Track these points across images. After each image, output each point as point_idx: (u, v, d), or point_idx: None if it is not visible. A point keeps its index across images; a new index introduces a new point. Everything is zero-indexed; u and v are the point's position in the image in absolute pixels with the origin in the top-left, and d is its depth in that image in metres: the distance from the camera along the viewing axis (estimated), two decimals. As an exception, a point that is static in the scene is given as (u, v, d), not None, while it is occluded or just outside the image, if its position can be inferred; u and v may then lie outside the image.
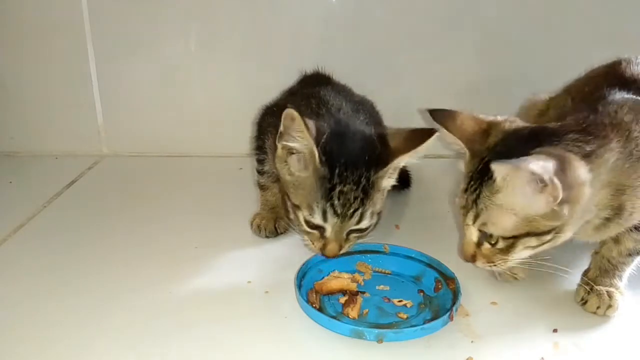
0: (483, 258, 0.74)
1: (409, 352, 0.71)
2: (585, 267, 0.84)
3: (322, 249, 0.82)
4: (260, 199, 1.04)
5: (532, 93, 1.01)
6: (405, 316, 0.77)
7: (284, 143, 0.80)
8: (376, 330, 0.72)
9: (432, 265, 0.86)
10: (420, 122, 1.18)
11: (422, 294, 0.83)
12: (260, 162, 1.01)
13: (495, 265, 0.74)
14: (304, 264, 0.85)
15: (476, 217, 0.72)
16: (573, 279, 0.83)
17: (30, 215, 1.08)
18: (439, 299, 0.80)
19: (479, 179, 0.71)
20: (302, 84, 1.13)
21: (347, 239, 0.83)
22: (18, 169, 1.35)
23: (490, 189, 0.69)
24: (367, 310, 0.78)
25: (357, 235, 0.83)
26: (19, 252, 0.96)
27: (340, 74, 1.13)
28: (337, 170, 0.78)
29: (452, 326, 0.75)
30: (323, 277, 0.84)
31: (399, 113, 1.21)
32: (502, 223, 0.69)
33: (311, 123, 0.79)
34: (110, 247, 0.97)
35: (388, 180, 0.83)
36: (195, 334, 0.74)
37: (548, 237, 0.69)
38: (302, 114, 0.78)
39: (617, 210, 0.71)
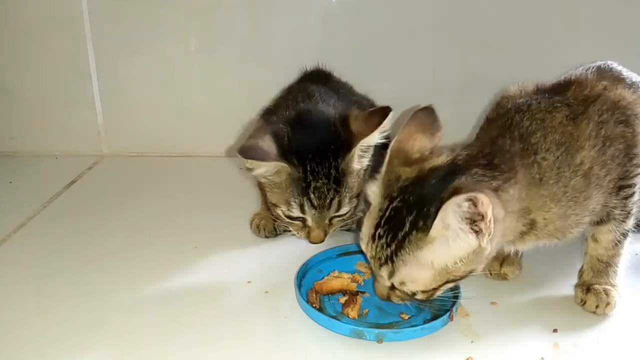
0: (397, 299, 0.71)
1: (409, 352, 0.71)
2: (581, 263, 0.83)
3: (308, 236, 0.86)
4: (260, 199, 1.04)
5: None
6: (407, 317, 0.77)
7: (254, 174, 0.83)
8: (376, 330, 0.72)
9: None
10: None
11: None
12: None
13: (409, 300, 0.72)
14: (303, 264, 0.85)
15: (391, 274, 0.67)
16: (573, 278, 0.83)
17: (30, 215, 1.08)
18: (438, 299, 0.80)
19: (392, 230, 0.65)
20: (301, 82, 1.13)
21: (330, 224, 0.86)
22: (18, 169, 1.35)
23: (416, 244, 0.64)
24: (367, 310, 0.78)
25: (339, 219, 0.86)
26: (19, 252, 0.96)
27: (339, 74, 1.13)
28: (308, 168, 0.81)
29: (452, 326, 0.75)
30: (323, 277, 0.84)
31: (399, 113, 1.21)
32: (422, 280, 0.66)
33: (267, 141, 0.81)
34: (110, 247, 0.97)
35: (360, 162, 0.85)
36: (195, 334, 0.74)
37: (465, 278, 0.68)
38: (265, 126, 0.83)
39: (530, 226, 0.70)
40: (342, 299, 0.80)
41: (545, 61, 1.28)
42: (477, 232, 0.62)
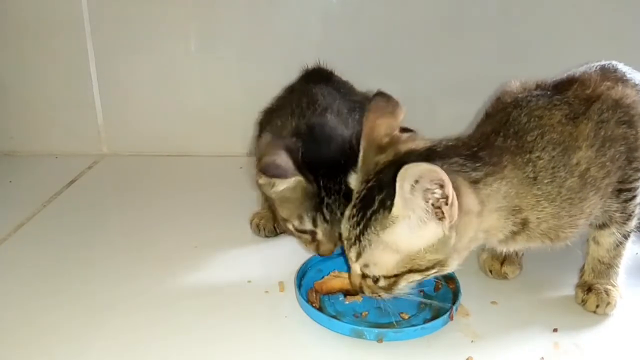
0: (368, 289, 0.70)
1: (409, 352, 0.71)
2: (581, 263, 0.83)
3: (317, 250, 0.84)
4: (260, 199, 1.04)
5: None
6: (407, 316, 0.77)
7: (272, 191, 0.82)
8: (376, 330, 0.72)
9: None
10: (420, 121, 1.18)
11: (422, 293, 0.82)
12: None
13: (380, 296, 0.70)
14: (303, 264, 0.85)
15: (358, 255, 0.66)
16: (573, 278, 0.84)
17: (30, 215, 1.08)
18: (439, 299, 0.80)
19: (363, 209, 0.65)
20: (303, 82, 1.13)
21: (339, 237, 0.84)
22: (18, 169, 1.35)
23: (381, 223, 0.62)
24: (366, 312, 0.78)
25: None
26: (18, 252, 0.96)
27: (340, 73, 1.13)
28: (322, 184, 0.80)
29: (452, 326, 0.75)
30: (323, 277, 0.83)
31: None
32: (385, 263, 0.65)
33: (284, 158, 0.79)
34: (109, 246, 0.97)
35: None
36: (195, 334, 0.74)
37: (432, 271, 0.66)
38: (277, 141, 0.81)
39: (522, 225, 0.68)
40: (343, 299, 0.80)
41: (546, 61, 1.28)
42: (441, 218, 0.60)
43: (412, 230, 0.61)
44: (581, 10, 1.26)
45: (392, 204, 0.61)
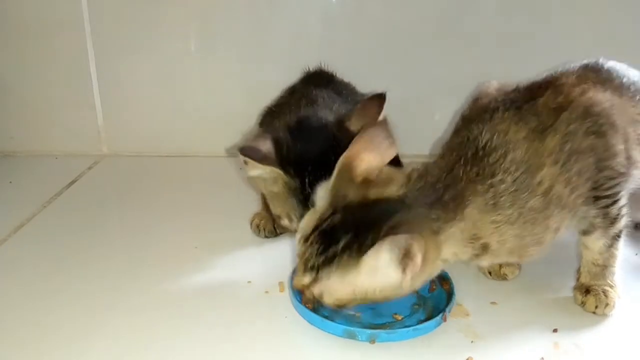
0: (308, 297, 0.71)
1: (409, 352, 0.71)
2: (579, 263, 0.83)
3: None
4: (261, 198, 1.04)
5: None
6: (400, 317, 0.77)
7: (249, 175, 0.82)
8: (369, 331, 0.71)
9: None
10: (420, 121, 1.19)
11: (416, 294, 0.82)
12: None
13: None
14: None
15: (314, 282, 0.67)
16: (572, 279, 0.83)
17: (30, 215, 1.08)
18: (433, 300, 0.80)
19: (326, 243, 0.65)
20: (304, 83, 1.13)
21: None
22: (18, 169, 1.35)
23: (344, 266, 0.63)
24: (359, 313, 0.77)
25: None
26: (18, 252, 0.96)
27: (340, 74, 1.13)
28: (307, 180, 0.79)
29: (452, 326, 0.75)
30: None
31: (399, 112, 1.21)
32: (338, 294, 0.66)
33: (268, 145, 0.80)
34: (110, 247, 0.97)
35: None
36: (195, 334, 0.74)
37: (381, 301, 0.67)
38: (267, 131, 0.81)
39: (483, 249, 0.67)
40: None
41: (547, 61, 1.28)
42: (403, 271, 0.62)
43: (374, 278, 0.63)
44: (582, 10, 1.26)
45: (357, 252, 0.62)
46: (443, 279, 0.81)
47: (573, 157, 0.66)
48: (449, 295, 0.78)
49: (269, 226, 0.99)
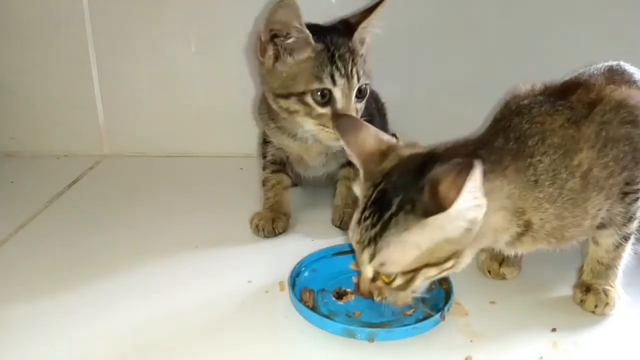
0: (378, 293, 0.69)
1: (408, 351, 0.71)
2: (579, 262, 0.84)
3: (336, 120, 0.86)
4: (260, 199, 1.05)
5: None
6: (410, 312, 0.77)
7: (284, 43, 0.88)
8: (367, 330, 0.72)
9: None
10: (420, 120, 1.18)
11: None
12: (264, 156, 1.05)
13: (387, 299, 0.69)
14: (298, 264, 0.85)
15: (372, 256, 0.65)
16: (572, 278, 0.84)
17: (31, 215, 1.09)
18: (431, 299, 0.80)
19: (378, 211, 0.64)
20: None
21: (356, 108, 0.92)
22: (19, 169, 1.36)
23: (403, 224, 0.62)
24: (359, 312, 0.78)
25: (360, 100, 0.93)
26: (20, 252, 0.96)
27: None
28: (328, 40, 0.90)
29: (451, 325, 0.75)
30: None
31: (399, 113, 1.22)
32: (403, 260, 0.64)
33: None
34: (111, 246, 0.98)
35: (361, 48, 0.95)
36: (195, 334, 0.75)
37: (449, 264, 0.65)
38: None
39: (526, 227, 0.69)
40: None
41: (547, 61, 1.28)
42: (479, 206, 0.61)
43: (445, 227, 0.61)
44: (582, 10, 1.26)
45: (413, 206, 0.61)
46: (442, 279, 0.82)
47: (609, 144, 0.69)
48: (448, 294, 0.79)
49: (268, 226, 0.99)
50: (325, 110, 0.89)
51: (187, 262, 0.92)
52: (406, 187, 0.63)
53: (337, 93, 0.89)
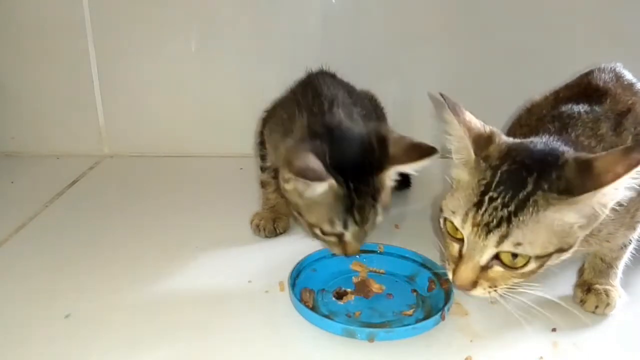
0: (487, 282, 0.66)
1: (408, 351, 0.71)
2: (580, 263, 0.84)
3: (344, 251, 0.84)
4: (262, 197, 1.04)
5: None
6: (410, 312, 0.78)
7: (306, 196, 0.80)
8: (367, 330, 0.72)
9: (426, 265, 0.87)
10: (420, 121, 1.19)
11: (415, 293, 0.83)
12: (262, 157, 1.03)
13: (495, 291, 0.67)
14: (298, 263, 0.85)
15: (503, 237, 0.62)
16: (572, 278, 0.84)
17: (31, 215, 1.09)
18: (432, 299, 0.81)
19: (510, 191, 0.62)
20: (306, 84, 1.12)
21: (365, 235, 0.85)
22: (19, 169, 1.36)
23: (544, 204, 0.61)
24: (359, 312, 0.78)
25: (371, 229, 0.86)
26: (20, 252, 0.96)
27: (340, 74, 1.13)
28: (352, 186, 0.79)
29: (451, 325, 0.75)
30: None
31: (399, 113, 1.22)
32: (540, 241, 0.62)
33: (314, 160, 0.77)
34: (110, 246, 0.98)
35: (390, 181, 0.84)
36: (195, 333, 0.75)
37: (572, 249, 0.65)
38: (301, 145, 0.80)
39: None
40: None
41: (548, 62, 1.28)
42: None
43: (582, 210, 0.61)
44: (582, 11, 1.26)
45: (552, 184, 0.61)
46: (442, 278, 0.82)
47: None
48: (448, 294, 0.79)
49: (269, 226, 0.99)
50: (333, 239, 0.84)
51: (187, 261, 0.92)
52: (542, 166, 0.62)
53: (347, 236, 0.83)
